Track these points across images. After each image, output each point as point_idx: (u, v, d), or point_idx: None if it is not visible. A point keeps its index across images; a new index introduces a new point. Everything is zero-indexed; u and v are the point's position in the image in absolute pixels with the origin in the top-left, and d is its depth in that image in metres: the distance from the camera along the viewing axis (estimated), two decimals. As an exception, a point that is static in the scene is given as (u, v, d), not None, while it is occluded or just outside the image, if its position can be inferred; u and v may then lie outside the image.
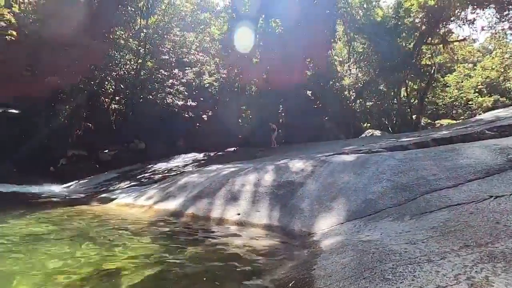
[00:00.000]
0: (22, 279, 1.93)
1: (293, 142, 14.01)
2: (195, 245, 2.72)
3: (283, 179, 4.19)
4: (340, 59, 21.89)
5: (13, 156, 11.05)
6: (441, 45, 19.14)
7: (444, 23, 17.47)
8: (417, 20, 17.13)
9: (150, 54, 15.93)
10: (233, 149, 12.50)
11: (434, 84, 20.77)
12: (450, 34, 19.08)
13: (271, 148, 12.11)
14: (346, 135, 16.32)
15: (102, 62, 13.43)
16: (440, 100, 25.61)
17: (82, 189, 8.37)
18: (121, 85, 15.28)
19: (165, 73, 15.93)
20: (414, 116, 19.78)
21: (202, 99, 16.93)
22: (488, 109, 21.98)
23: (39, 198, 6.64)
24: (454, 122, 19.92)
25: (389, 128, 19.83)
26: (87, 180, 9.66)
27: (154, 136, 14.34)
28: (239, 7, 15.95)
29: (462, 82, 25.90)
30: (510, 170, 2.72)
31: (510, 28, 16.29)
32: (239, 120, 16.49)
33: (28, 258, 2.33)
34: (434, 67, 19.67)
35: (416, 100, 21.08)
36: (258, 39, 15.72)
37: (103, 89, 15.26)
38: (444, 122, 22.15)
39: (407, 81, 19.36)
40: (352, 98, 20.38)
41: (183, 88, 16.29)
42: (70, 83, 12.68)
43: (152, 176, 8.22)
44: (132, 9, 15.04)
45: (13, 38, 10.32)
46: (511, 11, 15.14)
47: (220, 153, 11.44)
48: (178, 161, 10.64)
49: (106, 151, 13.25)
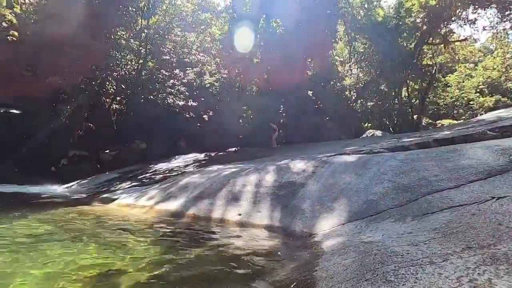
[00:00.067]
0: (22, 280, 1.93)
1: (294, 142, 13.99)
2: (196, 246, 2.72)
3: (284, 180, 4.19)
4: (341, 59, 21.87)
5: (14, 156, 11.08)
6: (442, 45, 19.09)
7: (445, 23, 17.41)
8: (418, 20, 17.09)
9: (151, 54, 15.94)
10: (234, 149, 12.49)
11: (435, 84, 20.71)
12: (452, 34, 19.02)
13: (272, 148, 12.11)
14: (347, 135, 16.29)
15: (103, 62, 13.45)
16: (441, 100, 25.56)
17: (83, 189, 8.38)
18: (122, 85, 15.29)
19: (166, 73, 15.94)
20: (415, 116, 19.73)
21: (203, 99, 16.93)
22: (489, 109, 21.94)
23: (40, 198, 6.65)
24: (456, 122, 19.89)
25: (390, 128, 19.78)
26: (88, 180, 9.67)
27: (155, 136, 14.34)
28: (240, 7, 15.95)
29: (463, 82, 25.85)
30: (512, 171, 2.71)
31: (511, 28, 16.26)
32: (240, 120, 16.46)
33: (28, 259, 2.33)
34: (435, 67, 19.62)
35: (417, 100, 21.04)
36: (259, 39, 15.70)
37: (104, 89, 15.29)
38: (445, 122, 22.12)
39: (408, 81, 19.30)
40: (353, 98, 20.36)
41: (184, 88, 16.29)
42: (71, 84, 12.70)
43: (153, 176, 8.21)
44: (133, 9, 15.05)
45: (14, 39, 10.37)
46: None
47: (221, 153, 11.43)
48: (179, 161, 10.63)
49: (107, 151, 13.26)
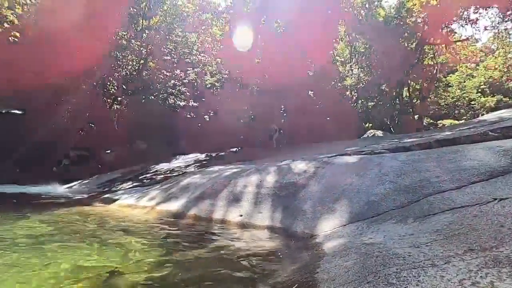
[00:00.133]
0: (22, 281, 1.94)
1: (294, 142, 13.98)
2: (197, 247, 2.72)
3: (285, 181, 4.18)
4: (342, 59, 21.86)
5: (15, 156, 11.12)
6: (443, 45, 19.07)
7: (447, 23, 17.40)
8: (419, 20, 17.09)
9: (152, 54, 15.99)
10: (234, 149, 12.49)
11: (436, 84, 20.70)
12: (453, 34, 18.99)
13: (273, 149, 12.11)
14: (348, 135, 16.25)
15: (104, 63, 13.49)
16: (443, 100, 25.49)
17: (84, 189, 8.40)
18: (123, 85, 15.33)
19: (167, 73, 15.98)
20: (416, 117, 19.71)
21: (203, 99, 16.97)
22: (491, 109, 21.87)
23: (41, 198, 6.66)
24: (457, 122, 19.83)
25: (391, 128, 19.75)
26: (89, 180, 9.69)
27: (156, 137, 14.38)
28: (240, 7, 15.97)
29: (464, 82, 25.77)
30: (514, 172, 2.70)
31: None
32: (241, 120, 16.48)
33: (29, 260, 2.33)
34: (436, 67, 19.60)
35: (418, 100, 21.00)
36: (259, 39, 15.72)
37: (105, 89, 15.32)
38: (447, 122, 22.06)
39: (409, 81, 19.28)
40: (354, 98, 20.35)
41: (185, 88, 16.33)
42: (73, 84, 12.74)
43: (154, 176, 8.21)
44: (134, 9, 15.10)
45: (16, 39, 10.40)
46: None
47: (222, 153, 11.42)
48: (180, 161, 10.63)
49: (108, 151, 13.30)
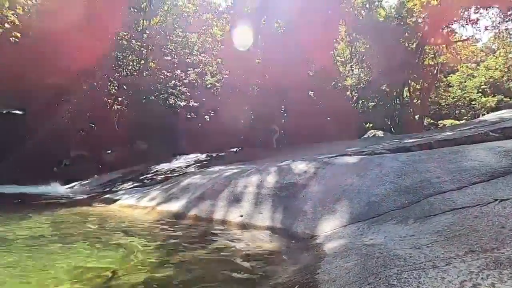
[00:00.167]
0: (22, 283, 1.94)
1: (295, 142, 13.98)
2: (198, 248, 2.72)
3: (285, 181, 4.18)
4: (342, 60, 21.85)
5: (16, 156, 11.12)
6: (444, 45, 19.05)
7: (447, 23, 17.38)
8: (419, 20, 17.08)
9: (152, 55, 16.01)
10: (235, 149, 12.50)
11: (437, 84, 20.68)
12: (453, 34, 18.97)
13: (273, 149, 12.11)
14: (348, 135, 16.24)
15: (105, 63, 13.51)
16: (443, 100, 25.48)
17: (85, 189, 8.41)
18: (123, 86, 15.35)
19: (167, 74, 16.00)
20: (416, 117, 19.69)
21: (204, 99, 16.97)
22: (491, 109, 21.85)
23: (42, 198, 6.67)
24: (458, 122, 19.81)
25: (391, 128, 19.72)
26: (90, 180, 9.69)
27: (156, 137, 14.38)
28: (241, 7, 15.97)
29: (465, 82, 25.75)
30: (515, 173, 2.70)
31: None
32: (241, 121, 16.48)
33: (29, 261, 2.34)
34: (437, 67, 19.58)
35: (418, 101, 20.98)
36: (260, 39, 15.72)
37: (106, 90, 15.35)
38: (447, 122, 22.06)
39: (409, 81, 19.27)
40: (355, 98, 20.34)
41: (185, 89, 16.35)
42: (73, 84, 12.76)
43: (155, 177, 8.22)
44: (135, 10, 15.11)
45: (17, 40, 10.43)
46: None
47: (222, 153, 11.43)
48: (180, 161, 10.64)
49: (109, 151, 13.31)
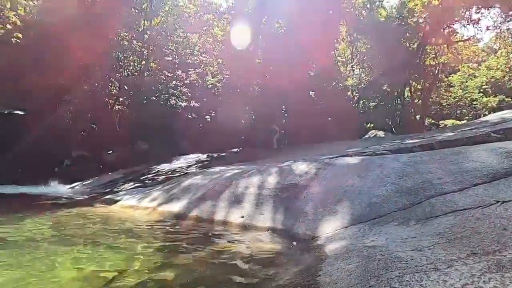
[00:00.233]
0: (23, 284, 1.94)
1: (295, 142, 13.98)
2: (198, 249, 2.72)
3: (286, 182, 4.18)
4: (343, 60, 21.85)
5: (17, 157, 11.16)
6: (445, 45, 19.01)
7: (448, 23, 17.35)
8: (421, 20, 17.04)
9: (153, 55, 16.04)
10: (235, 149, 12.51)
11: (438, 84, 20.64)
12: (455, 34, 18.94)
13: (274, 149, 12.11)
14: (349, 136, 16.24)
15: (106, 63, 13.54)
16: (444, 100, 25.43)
17: (86, 190, 8.42)
18: (124, 86, 15.38)
19: (168, 74, 16.03)
20: (418, 117, 19.66)
21: (205, 100, 16.99)
22: (493, 109, 21.81)
23: (43, 199, 6.68)
24: (459, 122, 19.78)
25: (392, 128, 19.70)
26: (91, 181, 9.71)
27: (157, 137, 14.40)
28: (242, 8, 15.98)
29: (466, 82, 25.71)
30: (517, 175, 2.69)
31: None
32: (242, 121, 16.48)
33: (29, 262, 2.34)
34: (438, 67, 19.54)
35: (420, 101, 20.95)
36: (260, 39, 15.72)
37: (107, 90, 15.38)
38: (449, 122, 22.02)
39: (410, 81, 19.24)
40: (356, 98, 20.32)
41: (186, 89, 16.37)
42: (74, 85, 12.80)
43: (156, 177, 8.23)
44: (136, 10, 15.14)
45: (18, 41, 10.46)
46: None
47: (223, 154, 11.44)
48: (181, 162, 10.64)
49: (110, 152, 13.34)
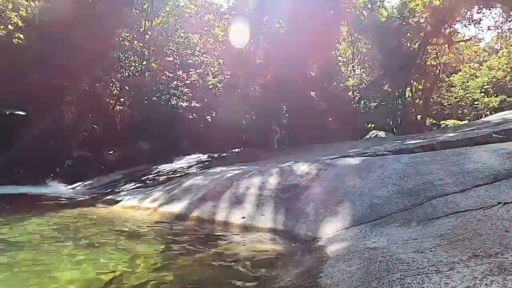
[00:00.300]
0: (22, 285, 1.94)
1: (296, 143, 13.98)
2: (199, 250, 2.72)
3: (287, 182, 4.18)
4: (344, 60, 21.83)
5: (18, 157, 11.19)
6: (446, 45, 18.94)
7: (450, 23, 17.30)
8: (422, 20, 16.99)
9: (154, 55, 16.06)
10: (236, 150, 12.52)
11: (439, 84, 20.57)
12: (456, 34, 18.88)
13: (275, 149, 12.11)
14: (350, 136, 16.22)
15: (107, 63, 13.57)
16: (446, 100, 25.35)
17: (87, 190, 8.45)
18: (126, 86, 15.40)
19: (169, 74, 16.05)
20: (419, 117, 19.60)
21: (206, 100, 17.00)
22: (494, 109, 21.76)
23: (45, 199, 6.70)
24: (460, 122, 19.74)
25: (393, 129, 19.68)
26: (92, 181, 9.74)
27: (158, 137, 14.42)
28: (242, 8, 15.99)
29: (467, 82, 25.64)
30: (519, 176, 2.68)
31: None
32: (243, 121, 16.49)
33: (29, 262, 2.34)
34: (439, 67, 19.48)
35: (421, 101, 20.88)
36: (261, 40, 15.73)
37: (108, 90, 15.40)
38: (450, 122, 21.97)
39: (412, 81, 19.19)
40: (356, 98, 20.30)
41: (187, 89, 16.39)
42: (76, 85, 12.82)
43: (157, 177, 8.24)
44: (137, 10, 15.16)
45: (20, 41, 10.49)
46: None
47: (223, 154, 11.45)
48: (182, 162, 10.66)
49: (111, 152, 13.37)
